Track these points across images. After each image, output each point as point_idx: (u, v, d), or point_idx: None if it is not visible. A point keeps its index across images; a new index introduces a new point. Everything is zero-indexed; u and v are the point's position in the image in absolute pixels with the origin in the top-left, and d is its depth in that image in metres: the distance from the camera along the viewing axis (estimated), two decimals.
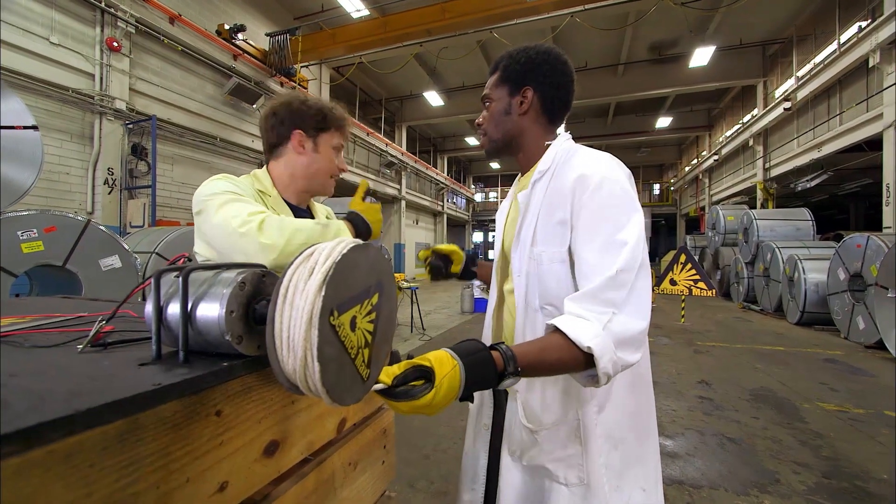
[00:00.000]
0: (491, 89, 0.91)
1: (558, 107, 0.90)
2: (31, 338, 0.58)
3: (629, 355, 0.67)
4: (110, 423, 0.33)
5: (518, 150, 0.92)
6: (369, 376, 0.48)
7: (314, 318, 0.37)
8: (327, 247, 0.40)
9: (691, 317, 8.06)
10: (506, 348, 0.63)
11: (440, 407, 0.55)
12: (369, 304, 0.44)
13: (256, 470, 0.47)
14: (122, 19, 5.82)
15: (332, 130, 1.13)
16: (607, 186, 0.75)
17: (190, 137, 7.08)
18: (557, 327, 0.66)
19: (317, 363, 0.38)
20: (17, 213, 3.05)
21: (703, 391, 3.81)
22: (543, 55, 0.87)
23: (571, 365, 0.65)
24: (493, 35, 9.49)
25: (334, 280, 0.38)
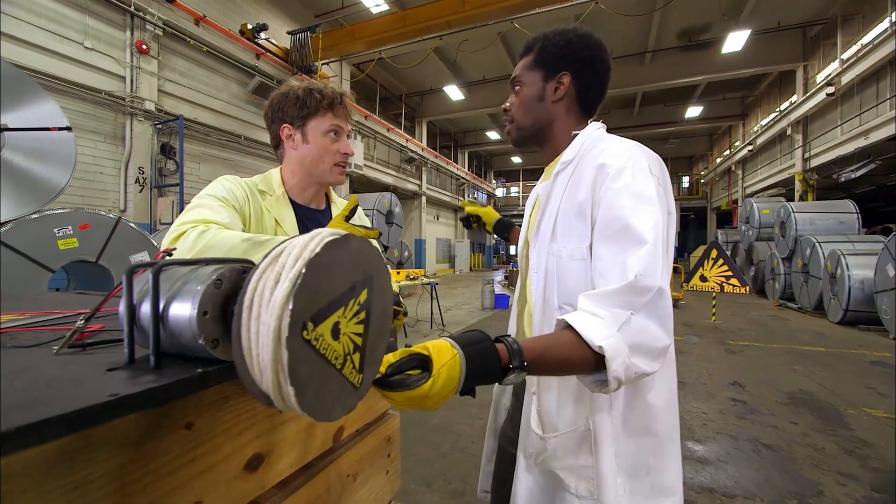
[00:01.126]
0: (522, 72, 0.85)
1: (594, 96, 0.85)
2: (19, 336, 0.55)
3: (645, 363, 0.61)
4: (51, 442, 0.29)
5: (546, 141, 0.87)
6: (363, 381, 0.43)
7: (282, 336, 0.31)
8: (298, 244, 0.35)
9: (723, 315, 7.72)
10: (511, 340, 0.58)
11: (439, 399, 0.51)
12: (356, 304, 0.39)
13: (237, 487, 0.43)
14: (150, 22, 5.99)
15: (321, 114, 1.04)
16: (627, 176, 0.69)
17: (216, 136, 7.26)
18: (569, 323, 0.61)
19: (290, 387, 0.33)
20: (54, 212, 3.17)
21: (735, 393, 3.62)
22: (584, 39, 0.81)
23: (581, 365, 0.60)
24: (515, 26, 9.29)
25: (306, 287, 0.33)
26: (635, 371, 0.60)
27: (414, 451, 2.65)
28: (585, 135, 0.82)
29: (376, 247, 1.19)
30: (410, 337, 5.97)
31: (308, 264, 0.33)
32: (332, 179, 1.10)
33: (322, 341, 0.35)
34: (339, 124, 1.06)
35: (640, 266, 0.64)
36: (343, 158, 1.08)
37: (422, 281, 6.49)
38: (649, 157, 0.74)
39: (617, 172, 0.69)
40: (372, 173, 12.15)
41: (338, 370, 0.39)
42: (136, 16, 5.84)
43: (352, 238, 0.37)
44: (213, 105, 7.19)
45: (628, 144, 0.75)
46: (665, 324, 0.62)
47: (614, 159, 0.71)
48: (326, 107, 1.04)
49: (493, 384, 0.58)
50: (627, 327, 0.61)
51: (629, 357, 0.59)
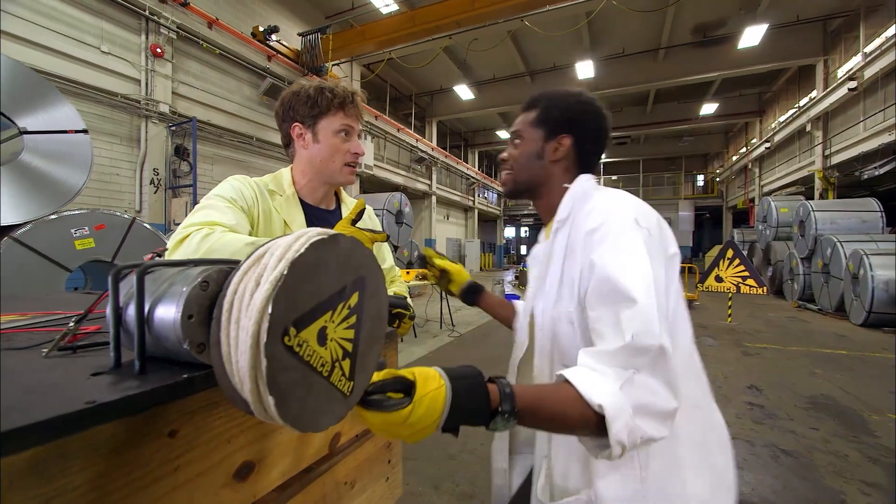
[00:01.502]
0: (524, 127, 0.87)
1: (592, 159, 0.87)
2: (15, 338, 0.55)
3: (651, 427, 0.57)
4: (20, 452, 0.27)
5: (540, 196, 0.88)
6: (353, 389, 0.41)
7: (261, 343, 0.29)
8: (281, 245, 0.33)
9: (739, 316, 7.54)
10: (505, 383, 0.54)
11: (417, 430, 0.47)
12: (345, 307, 0.37)
13: (225, 497, 0.41)
14: (164, 26, 6.09)
15: (332, 113, 1.03)
16: (611, 236, 0.68)
17: (228, 138, 7.35)
18: (567, 379, 0.58)
19: (270, 397, 0.31)
20: (71, 213, 3.25)
21: (752, 397, 3.52)
22: (586, 105, 0.85)
23: (578, 423, 0.56)
24: (525, 24, 9.23)
25: (288, 291, 0.31)
26: (640, 435, 0.56)
27: (421, 452, 2.63)
28: (575, 189, 0.82)
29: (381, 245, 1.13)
30: (420, 337, 5.96)
31: (291, 266, 0.31)
32: (342, 179, 1.09)
33: (306, 347, 0.33)
34: (349, 124, 1.05)
35: (635, 326, 0.61)
36: (353, 158, 1.07)
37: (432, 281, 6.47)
38: (636, 209, 0.72)
39: (602, 235, 0.69)
40: (382, 173, 12.18)
41: (324, 378, 0.37)
42: (151, 20, 5.94)
43: (341, 238, 0.35)
44: (225, 107, 7.28)
45: (611, 201, 0.74)
46: (671, 384, 0.59)
47: (597, 220, 0.71)
48: (337, 106, 1.03)
49: (478, 426, 0.53)
50: (630, 385, 0.57)
51: (633, 419, 0.55)
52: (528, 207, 26.65)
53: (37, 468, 0.28)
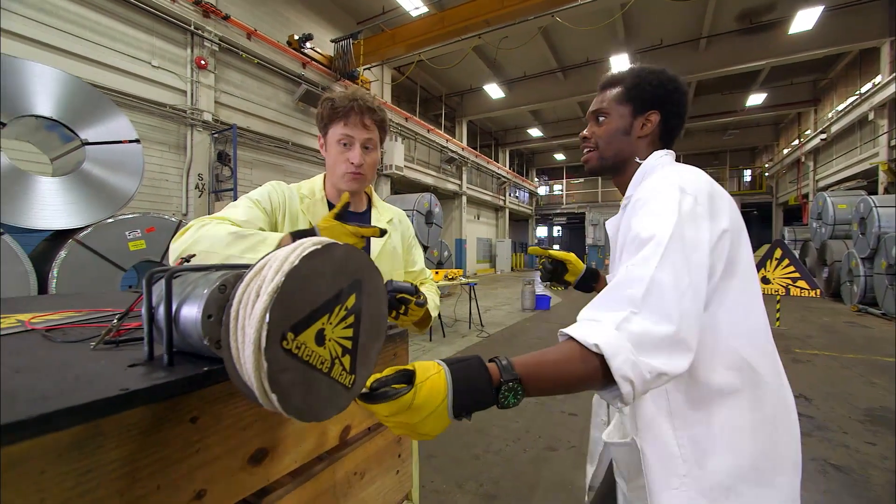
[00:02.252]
0: (610, 104, 0.89)
1: (675, 134, 0.90)
2: (70, 332, 0.62)
3: (660, 360, 0.57)
4: (64, 430, 0.32)
5: (622, 172, 0.91)
6: (355, 382, 0.44)
7: (262, 347, 0.33)
8: (279, 257, 0.36)
9: (789, 320, 7.07)
10: (502, 357, 0.57)
11: (424, 414, 0.49)
12: (343, 309, 0.40)
13: (241, 478, 0.45)
14: (208, 39, 6.47)
15: (335, 123, 1.08)
16: (652, 202, 0.70)
17: (266, 143, 7.70)
18: (567, 334, 0.59)
19: (273, 394, 0.35)
20: (125, 216, 3.53)
21: (800, 407, 3.30)
22: (673, 82, 0.87)
23: (583, 372, 0.56)
24: (556, 20, 9.06)
25: (284, 300, 0.34)
26: (649, 370, 0.56)
27: (446, 450, 2.66)
28: (645, 164, 0.85)
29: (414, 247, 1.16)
30: (449, 337, 6.00)
31: (286, 277, 0.34)
32: (345, 186, 1.13)
33: (304, 349, 0.37)
34: (348, 133, 1.07)
35: (638, 257, 0.63)
36: (352, 168, 1.08)
37: (460, 281, 6.50)
38: (688, 177, 0.73)
39: (644, 201, 0.71)
40: (412, 174, 12.33)
41: (325, 374, 0.40)
42: (196, 34, 6.33)
43: (335, 246, 0.38)
44: (263, 114, 7.63)
45: (669, 173, 0.75)
46: (665, 312, 0.59)
47: (647, 191, 0.73)
48: (340, 116, 1.06)
49: (489, 406, 0.55)
50: (627, 324, 0.58)
51: (635, 354, 0.55)
52: (560, 207, 26.10)
53: (79, 444, 0.33)
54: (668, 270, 0.61)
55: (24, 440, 0.30)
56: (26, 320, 0.67)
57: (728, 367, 0.71)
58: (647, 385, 0.56)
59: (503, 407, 0.54)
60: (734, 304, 0.71)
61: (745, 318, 0.72)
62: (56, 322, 0.68)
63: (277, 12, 8.13)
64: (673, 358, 0.58)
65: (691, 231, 0.66)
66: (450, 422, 0.52)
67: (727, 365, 0.71)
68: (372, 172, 1.15)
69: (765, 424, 0.71)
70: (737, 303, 0.72)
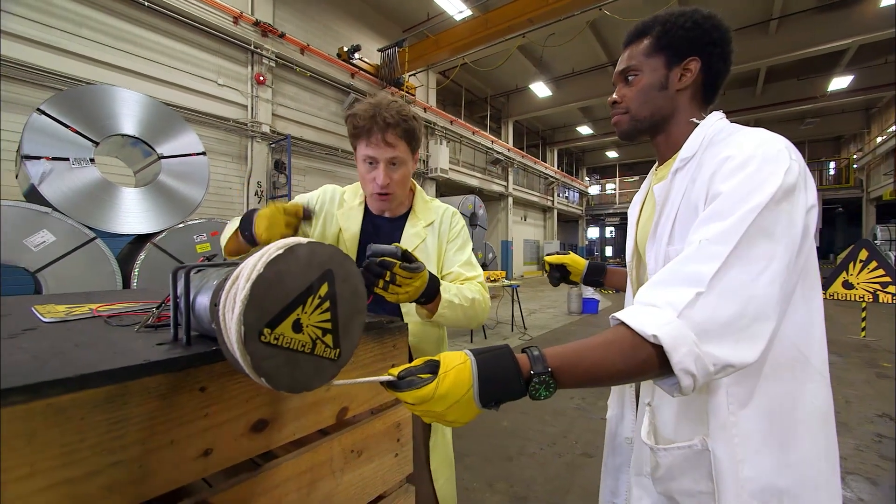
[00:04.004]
0: (639, 59, 0.78)
1: (720, 82, 0.77)
2: (126, 319, 0.75)
3: (727, 350, 0.51)
4: (100, 388, 0.42)
5: (661, 132, 0.80)
6: (340, 354, 0.51)
7: (241, 346, 0.40)
8: (248, 266, 0.43)
9: (876, 330, 6.29)
10: (534, 348, 0.55)
11: (450, 402, 0.51)
12: (316, 298, 0.47)
13: (243, 443, 0.54)
14: (266, 56, 7.01)
15: (359, 141, 1.04)
16: (751, 167, 0.59)
17: (318, 151, 8.17)
18: (620, 319, 0.56)
19: (261, 378, 0.42)
20: (193, 222, 3.94)
21: (883, 427, 2.95)
22: (711, 20, 0.74)
23: (634, 363, 0.52)
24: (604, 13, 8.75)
25: (255, 304, 0.41)
26: (714, 362, 0.51)
27: (478, 449, 2.69)
28: (707, 126, 0.73)
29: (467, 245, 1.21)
30: (490, 339, 6.00)
31: (253, 285, 0.41)
32: (374, 206, 1.13)
33: (283, 338, 0.44)
34: (370, 154, 1.02)
35: (713, 233, 0.55)
36: (377, 188, 1.05)
37: (502, 283, 6.47)
38: (789, 143, 0.63)
39: (741, 163, 0.60)
40: (457, 176, 12.45)
41: (308, 353, 0.47)
42: (255, 52, 6.89)
43: (297, 248, 0.45)
44: (315, 123, 8.11)
45: (763, 134, 0.65)
46: (737, 294, 0.52)
47: (741, 149, 0.62)
48: (362, 135, 1.02)
49: (518, 397, 0.53)
50: (691, 310, 0.51)
51: (699, 345, 0.50)
52: (612, 207, 25.00)
53: (110, 399, 0.42)
54: (748, 247, 0.54)
55: (70, 393, 0.40)
56: (94, 308, 0.81)
57: (784, 356, 0.64)
58: (709, 377, 0.52)
59: (535, 399, 0.53)
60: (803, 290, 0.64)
61: (803, 305, 0.65)
62: (118, 310, 0.82)
63: (328, 27, 8.60)
64: (739, 346, 0.52)
65: (788, 204, 0.57)
66: (479, 411, 0.53)
67: (780, 353, 0.64)
68: (402, 188, 1.11)
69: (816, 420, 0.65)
70: (798, 288, 0.64)
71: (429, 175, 10.99)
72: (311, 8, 8.15)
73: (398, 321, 0.77)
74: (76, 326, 0.67)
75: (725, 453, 0.63)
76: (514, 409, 3.30)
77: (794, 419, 0.64)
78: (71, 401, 0.40)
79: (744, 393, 0.64)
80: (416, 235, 1.17)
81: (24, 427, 0.37)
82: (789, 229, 0.57)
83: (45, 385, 0.39)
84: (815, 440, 0.65)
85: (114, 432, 0.43)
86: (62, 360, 0.46)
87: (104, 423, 0.42)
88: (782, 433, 0.64)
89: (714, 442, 0.64)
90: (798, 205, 0.58)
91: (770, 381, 0.64)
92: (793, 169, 0.59)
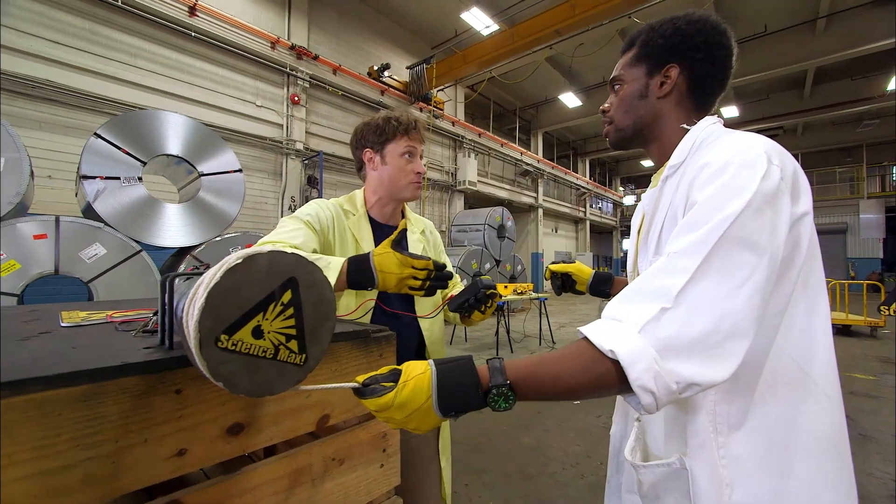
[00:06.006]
0: (623, 69, 0.79)
1: (712, 87, 0.75)
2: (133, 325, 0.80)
3: (692, 368, 0.48)
4: (77, 386, 0.45)
5: (651, 140, 0.79)
6: (307, 360, 0.52)
7: (198, 351, 0.42)
8: (208, 275, 0.45)
9: None
10: (495, 359, 0.56)
11: (409, 410, 0.52)
12: (279, 305, 0.48)
13: (218, 445, 0.56)
14: (301, 78, 7.38)
15: (397, 138, 1.17)
16: (728, 173, 0.57)
17: (349, 167, 8.43)
18: (583, 333, 0.55)
19: (218, 381, 0.44)
20: (229, 235, 4.16)
21: None
22: (696, 24, 0.72)
23: (595, 378, 0.51)
24: (634, 20, 8.61)
25: (211, 312, 0.42)
26: (676, 380, 0.48)
27: (498, 466, 2.63)
28: (697, 132, 0.71)
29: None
30: (517, 352, 5.89)
31: (209, 294, 0.43)
32: (409, 195, 1.21)
33: (241, 344, 0.45)
34: (413, 146, 1.18)
35: (684, 244, 0.53)
36: (417, 178, 1.20)
37: (529, 296, 6.36)
38: (771, 145, 0.61)
39: (717, 170, 0.58)
40: (486, 189, 12.46)
41: (270, 359, 0.49)
42: (291, 74, 7.27)
43: (258, 257, 0.46)
44: (346, 139, 8.38)
45: (744, 139, 0.62)
46: (706, 309, 0.49)
47: (718, 156, 0.60)
48: (402, 132, 1.17)
49: (477, 408, 0.53)
50: (654, 325, 0.50)
51: (660, 362, 0.48)
52: None
53: (87, 397, 0.45)
54: (722, 259, 0.51)
55: (50, 390, 0.43)
56: (110, 315, 0.87)
57: (782, 374, 0.59)
58: (673, 396, 0.49)
59: (495, 410, 0.53)
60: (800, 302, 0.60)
61: (804, 319, 0.60)
62: (130, 317, 0.88)
63: (359, 47, 8.96)
64: (708, 365, 0.49)
65: (770, 211, 0.54)
66: (439, 420, 0.54)
67: (776, 370, 0.59)
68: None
69: (821, 444, 0.59)
70: (803, 301, 0.60)
71: (457, 188, 11.07)
72: (343, 30, 8.54)
73: (385, 330, 0.78)
74: (86, 331, 0.72)
75: (705, 474, 0.59)
76: (537, 425, 3.21)
77: (796, 443, 0.59)
78: (49, 397, 0.43)
79: (736, 413, 0.60)
80: (418, 241, 1.27)
81: (4, 420, 0.41)
82: (771, 238, 0.54)
83: (27, 382, 0.42)
84: (820, 467, 0.59)
85: (89, 428, 0.46)
86: (54, 360, 0.50)
87: (81, 420, 0.45)
88: (781, 458, 0.58)
89: (693, 461, 0.61)
90: (781, 212, 0.55)
91: (767, 402, 0.59)
92: (772, 174, 0.56)
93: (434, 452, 1.25)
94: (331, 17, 8.29)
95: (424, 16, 9.90)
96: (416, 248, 1.24)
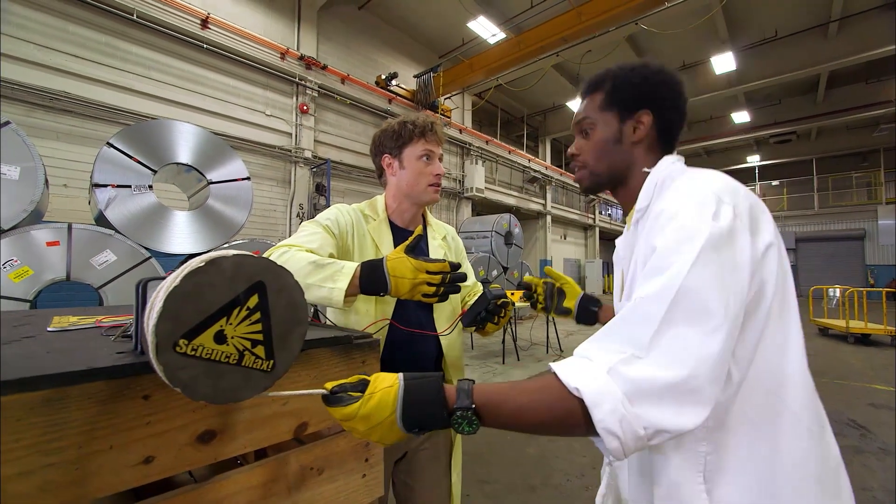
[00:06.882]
0: (593, 112, 0.79)
1: (675, 133, 0.78)
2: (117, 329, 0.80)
3: (661, 414, 0.47)
4: (37, 391, 0.44)
5: (621, 185, 0.80)
6: (275, 366, 0.51)
7: (155, 356, 0.42)
8: (169, 279, 0.44)
9: None
10: (465, 381, 0.55)
11: (373, 423, 0.53)
12: (244, 310, 0.47)
13: (188, 453, 0.55)
14: (310, 87, 7.50)
15: (414, 141, 1.16)
16: (679, 219, 0.58)
17: (356, 174, 8.52)
18: (552, 369, 0.54)
19: (177, 387, 0.43)
20: (237, 242, 4.20)
21: None
22: (660, 74, 0.76)
23: (557, 415, 0.50)
24: (640, 27, 8.58)
25: (169, 316, 0.42)
26: (645, 426, 0.48)
27: (500, 476, 2.58)
28: (657, 173, 0.73)
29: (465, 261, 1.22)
30: (523, 360, 5.82)
31: (167, 297, 0.42)
32: (427, 199, 1.20)
33: (202, 349, 0.44)
34: (430, 149, 1.17)
35: (649, 290, 0.53)
36: (436, 179, 1.18)
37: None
38: (724, 185, 0.61)
39: (671, 215, 0.59)
40: (494, 195, 12.44)
41: (234, 365, 0.48)
42: (300, 84, 7.39)
43: (221, 260, 0.46)
44: (354, 147, 8.49)
45: (694, 180, 0.64)
46: (679, 358, 0.48)
47: (672, 201, 0.61)
48: (419, 135, 1.16)
49: (441, 427, 0.53)
50: (624, 367, 0.49)
51: (627, 406, 0.48)
52: None
53: (48, 402, 0.45)
54: (688, 303, 0.51)
55: (8, 395, 0.43)
56: (98, 320, 0.88)
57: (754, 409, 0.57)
58: (641, 443, 0.48)
59: (459, 432, 0.53)
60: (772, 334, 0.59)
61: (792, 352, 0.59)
62: (119, 322, 0.88)
63: (367, 56, 9.09)
64: (682, 412, 0.48)
65: (728, 250, 0.54)
66: (403, 434, 0.54)
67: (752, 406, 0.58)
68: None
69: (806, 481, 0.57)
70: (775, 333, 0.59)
71: (464, 195, 11.08)
72: (351, 40, 8.67)
73: (368, 336, 0.77)
74: (70, 335, 0.72)
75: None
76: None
77: (776, 482, 0.56)
78: (7, 402, 0.43)
79: (715, 456, 0.57)
80: (440, 247, 1.26)
81: None
82: (734, 275, 0.54)
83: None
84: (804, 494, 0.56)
85: (50, 434, 0.45)
86: (22, 364, 0.50)
87: (40, 425, 0.44)
88: (766, 499, 0.55)
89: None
90: (740, 248, 0.55)
91: (743, 439, 0.57)
92: (722, 213, 0.56)
93: (446, 468, 1.22)
94: (339, 27, 8.43)
95: (432, 25, 10.00)
96: (437, 253, 1.23)
